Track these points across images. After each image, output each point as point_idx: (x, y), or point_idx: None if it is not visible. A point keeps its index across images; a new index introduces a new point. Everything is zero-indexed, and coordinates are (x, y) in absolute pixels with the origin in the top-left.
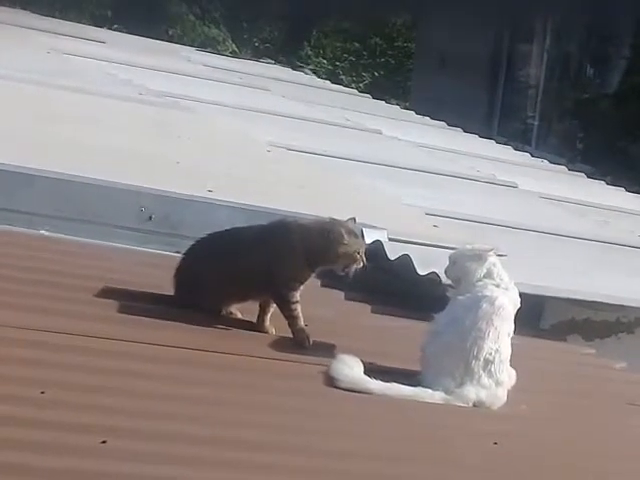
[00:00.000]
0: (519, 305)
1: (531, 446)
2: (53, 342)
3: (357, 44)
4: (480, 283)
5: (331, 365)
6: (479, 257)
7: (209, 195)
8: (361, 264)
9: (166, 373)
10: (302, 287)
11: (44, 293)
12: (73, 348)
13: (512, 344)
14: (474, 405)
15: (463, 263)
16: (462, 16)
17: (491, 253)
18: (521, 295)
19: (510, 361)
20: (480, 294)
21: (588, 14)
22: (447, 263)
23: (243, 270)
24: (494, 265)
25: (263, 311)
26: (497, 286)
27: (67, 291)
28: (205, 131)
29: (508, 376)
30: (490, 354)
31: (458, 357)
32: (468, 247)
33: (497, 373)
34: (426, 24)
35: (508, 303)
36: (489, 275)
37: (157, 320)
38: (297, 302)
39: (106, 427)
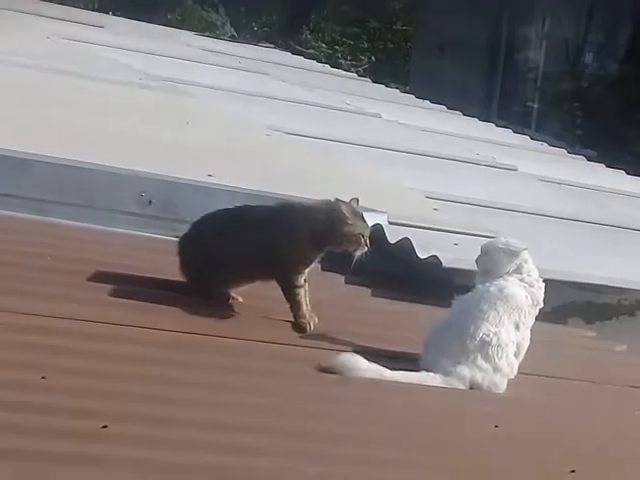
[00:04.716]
0: (541, 304)
1: (532, 429)
2: (53, 327)
3: (356, 28)
4: (507, 276)
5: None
6: (512, 252)
7: (209, 180)
8: (365, 249)
9: (168, 357)
10: (307, 270)
11: (43, 278)
12: (73, 333)
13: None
14: (471, 387)
15: (494, 255)
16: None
17: (525, 250)
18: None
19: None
20: (497, 283)
21: None
22: (478, 252)
23: (248, 251)
24: (525, 262)
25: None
26: (521, 280)
27: (66, 276)
28: (204, 115)
29: (510, 367)
30: (487, 336)
31: (455, 335)
32: (502, 240)
33: (495, 358)
34: (425, 8)
35: (522, 296)
36: (518, 270)
37: (157, 305)
38: (301, 286)
39: (107, 412)
